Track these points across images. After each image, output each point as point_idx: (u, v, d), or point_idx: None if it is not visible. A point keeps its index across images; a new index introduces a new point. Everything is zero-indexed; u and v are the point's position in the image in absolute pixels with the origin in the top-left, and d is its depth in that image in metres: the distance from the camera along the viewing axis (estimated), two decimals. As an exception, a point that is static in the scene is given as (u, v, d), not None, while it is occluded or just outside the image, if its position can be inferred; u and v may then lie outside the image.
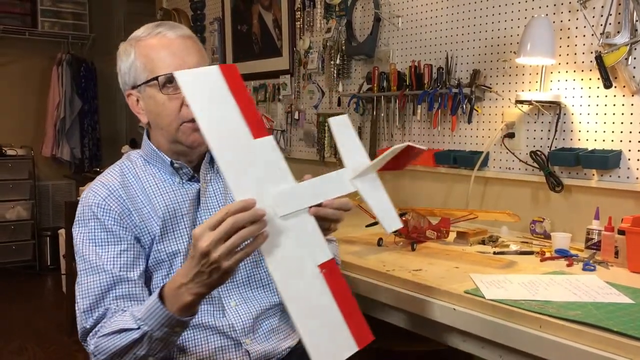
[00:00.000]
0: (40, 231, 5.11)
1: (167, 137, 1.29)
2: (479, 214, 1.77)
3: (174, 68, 1.22)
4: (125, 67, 1.30)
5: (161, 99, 1.25)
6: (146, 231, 1.26)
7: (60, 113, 5.24)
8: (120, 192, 1.27)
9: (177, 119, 1.26)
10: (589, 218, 1.77)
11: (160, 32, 1.27)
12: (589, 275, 1.49)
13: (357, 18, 2.80)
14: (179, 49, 1.26)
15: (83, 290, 1.20)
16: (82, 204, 1.27)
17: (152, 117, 1.30)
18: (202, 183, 1.33)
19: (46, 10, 5.22)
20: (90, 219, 1.24)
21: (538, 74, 2.01)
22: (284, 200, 0.97)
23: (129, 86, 1.31)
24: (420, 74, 2.42)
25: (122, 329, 1.10)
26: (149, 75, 1.26)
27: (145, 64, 1.26)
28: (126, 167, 1.33)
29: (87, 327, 1.18)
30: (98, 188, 1.28)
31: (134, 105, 1.32)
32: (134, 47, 1.29)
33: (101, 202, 1.25)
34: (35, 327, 3.74)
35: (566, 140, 1.98)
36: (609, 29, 1.83)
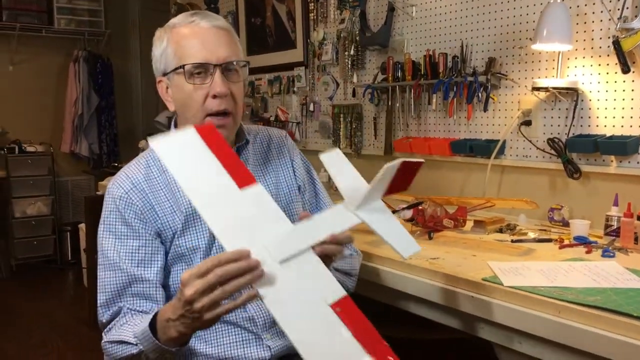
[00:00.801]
0: (60, 226, 5.17)
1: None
2: (496, 202, 1.77)
3: (202, 58, 1.23)
4: (157, 54, 1.30)
5: (187, 88, 1.25)
6: (167, 225, 1.26)
7: (77, 109, 5.29)
8: (143, 185, 1.27)
9: (201, 110, 1.25)
10: (607, 205, 1.76)
11: (194, 21, 1.26)
12: (608, 261, 1.48)
13: (370, 8, 2.79)
14: (210, 40, 1.25)
15: (101, 285, 1.24)
16: (106, 195, 1.29)
17: (179, 106, 1.30)
18: None
19: (62, 7, 5.26)
20: (112, 211, 1.26)
21: (555, 60, 1.99)
22: (283, 243, 0.92)
23: (160, 73, 1.31)
24: (435, 63, 2.41)
25: (123, 341, 1.13)
26: (177, 63, 1.25)
27: (175, 52, 1.26)
28: (152, 159, 1.32)
29: (103, 322, 1.22)
30: (122, 180, 1.28)
31: (163, 92, 1.32)
32: (167, 34, 1.28)
33: (123, 194, 1.26)
34: (58, 321, 3.79)
35: (584, 126, 1.96)
36: (626, 13, 1.81)
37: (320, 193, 1.51)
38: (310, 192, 1.49)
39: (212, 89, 1.24)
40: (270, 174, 1.41)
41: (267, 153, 1.44)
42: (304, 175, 1.48)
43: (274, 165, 1.43)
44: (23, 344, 3.43)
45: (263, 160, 1.42)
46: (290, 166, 1.46)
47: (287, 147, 1.48)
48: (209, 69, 1.24)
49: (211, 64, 1.24)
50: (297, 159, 1.49)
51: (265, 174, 1.40)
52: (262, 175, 1.40)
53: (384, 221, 1.05)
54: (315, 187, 1.52)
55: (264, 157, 1.43)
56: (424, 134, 2.55)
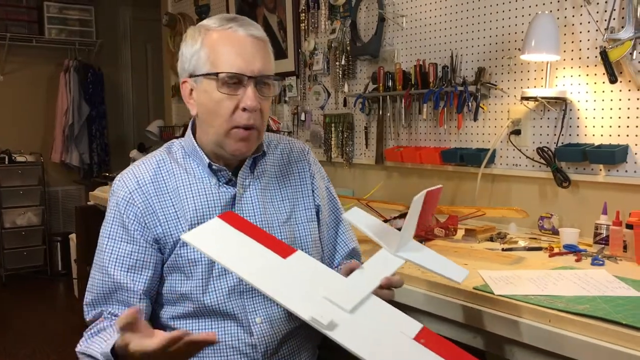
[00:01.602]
0: (51, 236, 5.15)
1: (213, 137, 1.24)
2: (487, 211, 1.78)
3: (237, 68, 1.19)
4: (188, 53, 1.25)
5: (217, 96, 1.20)
6: (168, 233, 1.23)
7: (68, 119, 5.29)
8: (149, 187, 1.24)
9: (229, 121, 1.21)
10: (596, 213, 1.78)
11: (232, 27, 1.21)
12: (597, 269, 1.49)
13: (361, 18, 2.82)
14: (247, 50, 1.21)
15: (90, 284, 1.24)
16: (111, 193, 1.28)
17: (204, 111, 1.25)
18: (238, 188, 1.28)
19: (53, 17, 5.27)
20: (113, 211, 1.25)
21: (543, 71, 2.02)
22: (346, 294, 0.96)
23: (187, 73, 1.26)
24: (425, 73, 2.43)
25: (92, 356, 1.13)
26: (210, 69, 1.21)
27: (209, 56, 1.21)
28: (163, 161, 1.29)
29: (86, 320, 1.23)
30: (128, 179, 1.26)
31: (186, 94, 1.27)
32: (202, 36, 1.23)
33: (126, 195, 1.24)
34: (49, 332, 3.77)
35: (572, 136, 1.99)
36: (613, 23, 1.84)
37: (340, 215, 1.46)
38: (329, 213, 1.44)
39: (243, 102, 1.20)
40: (287, 190, 1.37)
41: (286, 166, 1.39)
42: (323, 194, 1.43)
43: (293, 181, 1.39)
44: (14, 356, 3.40)
45: (282, 173, 1.38)
46: (309, 184, 1.41)
47: (309, 162, 1.43)
48: (243, 80, 1.20)
49: (245, 76, 1.20)
50: (318, 176, 1.44)
51: (282, 188, 1.36)
52: (279, 190, 1.35)
53: (427, 256, 1.14)
54: (336, 206, 1.47)
55: (283, 171, 1.38)
56: (414, 143, 2.56)
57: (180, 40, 4.46)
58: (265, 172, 1.34)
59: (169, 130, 4.40)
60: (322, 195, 1.42)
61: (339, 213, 1.46)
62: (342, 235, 1.46)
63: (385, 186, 2.64)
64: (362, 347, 0.87)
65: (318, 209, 1.41)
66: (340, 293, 0.96)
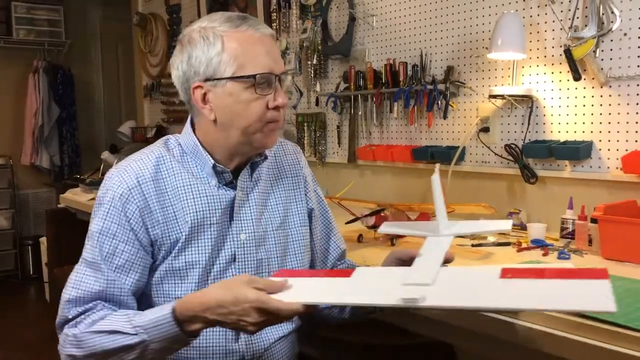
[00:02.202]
0: (21, 240, 5.07)
1: (237, 138, 1.21)
2: (456, 207, 1.80)
3: (268, 68, 1.17)
4: (202, 57, 1.18)
5: (246, 98, 1.17)
6: (167, 233, 1.20)
7: (38, 121, 5.20)
8: (149, 185, 1.20)
9: (260, 120, 1.19)
10: (563, 208, 1.82)
11: (252, 26, 1.18)
12: (563, 263, 1.53)
13: (332, 18, 2.83)
14: (271, 49, 1.20)
15: (76, 280, 1.17)
16: (106, 186, 1.21)
17: (226, 114, 1.19)
18: (238, 191, 1.26)
19: (21, 17, 5.18)
20: (107, 204, 1.19)
21: (510, 69, 2.05)
22: (420, 275, 1.02)
23: (201, 78, 1.18)
24: (395, 72, 2.45)
25: (116, 331, 1.07)
26: (236, 71, 1.16)
27: (235, 58, 1.16)
28: (162, 158, 1.24)
29: (68, 317, 1.15)
30: (127, 174, 1.20)
31: (198, 98, 1.20)
32: (220, 37, 1.17)
33: (125, 192, 1.18)
34: (20, 337, 3.71)
35: (539, 132, 2.02)
36: (577, 22, 1.88)
37: (330, 218, 1.46)
38: (321, 217, 1.44)
39: (276, 101, 1.19)
40: (281, 193, 1.35)
41: (280, 170, 1.38)
42: (314, 198, 1.43)
43: (287, 185, 1.37)
44: (-17, 363, 3.34)
45: (275, 177, 1.36)
46: (302, 188, 1.40)
47: (301, 165, 1.42)
48: (272, 80, 1.19)
49: (274, 74, 1.19)
50: (309, 179, 1.43)
51: (276, 192, 1.34)
52: (273, 194, 1.34)
53: (465, 225, 1.31)
54: (325, 208, 1.47)
55: (277, 174, 1.37)
56: (386, 142, 2.59)
57: (151, 40, 4.41)
58: (262, 176, 1.32)
59: (140, 131, 4.36)
60: (314, 199, 1.42)
61: (328, 215, 1.46)
62: (334, 237, 1.46)
63: (357, 184, 2.66)
64: (461, 299, 0.94)
65: (310, 213, 1.40)
66: (414, 276, 1.02)
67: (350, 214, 1.84)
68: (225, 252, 1.24)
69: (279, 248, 1.31)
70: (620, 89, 1.81)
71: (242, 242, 1.25)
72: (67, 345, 1.14)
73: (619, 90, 1.81)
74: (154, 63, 4.41)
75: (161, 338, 1.05)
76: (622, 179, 1.80)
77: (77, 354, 1.12)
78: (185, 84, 1.22)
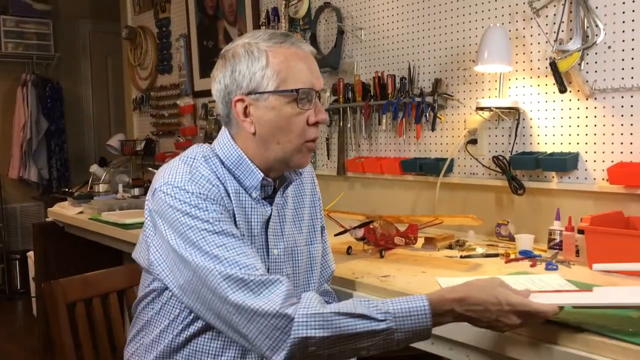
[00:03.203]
0: (9, 254, 5.02)
1: (278, 154, 1.24)
2: (444, 219, 1.81)
3: (310, 83, 1.21)
4: (246, 71, 1.21)
5: (288, 112, 1.20)
6: None
7: (26, 134, 5.18)
8: (219, 186, 1.21)
9: (301, 136, 1.22)
10: (550, 219, 1.83)
11: (294, 44, 1.23)
12: (551, 274, 1.53)
13: (321, 31, 2.84)
14: (313, 66, 1.24)
15: (243, 264, 1.10)
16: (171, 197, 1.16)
17: (268, 128, 1.22)
18: (274, 207, 1.30)
19: (9, 31, 5.17)
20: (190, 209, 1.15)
21: (496, 81, 2.07)
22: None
23: (244, 91, 1.21)
24: (384, 84, 2.47)
25: (364, 315, 1.05)
26: (279, 85, 1.20)
27: (279, 72, 1.20)
28: (211, 164, 1.24)
29: (249, 279, 1.09)
30: (198, 177, 1.19)
31: (240, 112, 1.22)
32: (264, 53, 1.20)
33: (204, 193, 1.16)
34: (7, 353, 3.66)
35: (526, 144, 2.04)
36: (562, 35, 1.90)
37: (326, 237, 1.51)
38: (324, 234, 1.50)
39: (317, 116, 1.23)
40: (304, 210, 1.40)
41: (301, 188, 1.42)
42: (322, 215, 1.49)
43: (308, 202, 1.42)
44: (-31, 378, 3.30)
45: (299, 194, 1.41)
46: (318, 206, 1.46)
47: (315, 183, 1.48)
48: (312, 95, 1.22)
49: (315, 90, 1.23)
50: (320, 196, 1.49)
51: (300, 209, 1.39)
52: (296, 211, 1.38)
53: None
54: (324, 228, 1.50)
55: (299, 192, 1.41)
56: (375, 154, 2.60)
57: (140, 54, 4.42)
58: (289, 194, 1.37)
59: (130, 144, 4.34)
60: (322, 216, 1.48)
61: (325, 234, 1.51)
62: (328, 256, 1.50)
63: (347, 196, 2.66)
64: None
65: (322, 230, 1.47)
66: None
67: (339, 226, 1.84)
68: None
69: (304, 264, 1.35)
70: (606, 101, 1.83)
71: (274, 257, 1.29)
72: (303, 327, 1.05)
73: (604, 102, 1.83)
74: (143, 76, 4.41)
75: (409, 329, 1.05)
76: (608, 190, 1.81)
77: (320, 335, 1.04)
78: (227, 97, 1.24)
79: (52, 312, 1.49)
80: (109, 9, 5.11)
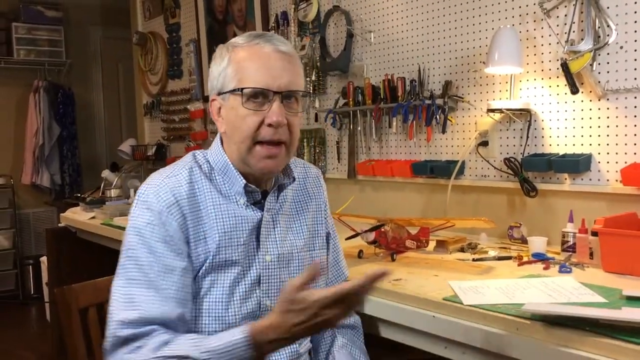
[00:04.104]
0: (22, 260, 5.06)
1: (238, 154, 1.24)
2: (456, 222, 1.80)
3: (263, 84, 1.19)
4: (216, 71, 1.25)
5: (242, 112, 1.20)
6: (196, 253, 1.19)
7: (38, 140, 5.22)
8: (185, 202, 1.19)
9: (252, 136, 1.20)
10: (563, 221, 1.82)
11: (259, 44, 1.21)
12: (564, 277, 1.52)
13: (330, 34, 2.84)
14: (273, 65, 1.20)
15: (135, 302, 1.13)
16: (143, 203, 1.19)
17: (230, 128, 1.24)
18: (265, 213, 1.27)
19: (21, 38, 5.21)
20: (147, 223, 1.17)
21: (507, 83, 2.06)
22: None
23: (215, 91, 1.26)
24: (394, 87, 2.46)
25: (186, 356, 1.06)
26: (236, 85, 1.21)
27: (235, 72, 1.21)
28: (195, 174, 1.24)
29: (121, 336, 1.11)
30: (164, 192, 1.19)
31: (214, 112, 1.27)
32: (229, 53, 1.23)
33: (164, 209, 1.17)
34: (21, 358, 3.69)
35: (538, 146, 2.02)
36: (573, 36, 1.89)
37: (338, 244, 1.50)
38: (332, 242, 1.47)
39: (269, 118, 1.19)
40: (306, 216, 1.37)
41: (304, 192, 1.40)
42: (330, 222, 1.47)
43: (310, 208, 1.39)
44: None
45: (300, 200, 1.38)
46: (323, 211, 1.43)
47: (323, 188, 1.45)
48: (269, 95, 1.20)
49: (271, 91, 1.19)
50: (327, 202, 1.46)
51: (301, 215, 1.36)
52: (298, 216, 1.36)
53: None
54: (335, 235, 1.49)
55: (301, 197, 1.39)
56: (385, 157, 2.59)
57: (151, 59, 4.45)
58: (287, 198, 1.34)
59: (141, 150, 4.37)
60: (330, 223, 1.45)
61: (337, 241, 1.49)
62: (341, 263, 1.50)
63: (357, 200, 2.65)
64: None
65: (328, 236, 1.44)
66: None
67: (350, 230, 1.83)
68: (251, 274, 1.24)
69: (302, 270, 1.30)
70: (618, 102, 1.81)
71: (267, 264, 1.26)
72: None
73: (617, 102, 1.82)
74: (154, 81, 4.44)
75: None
76: (621, 191, 1.79)
77: None
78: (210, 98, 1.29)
79: (65, 317, 1.49)
80: (119, 15, 5.15)
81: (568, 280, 1.47)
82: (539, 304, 1.25)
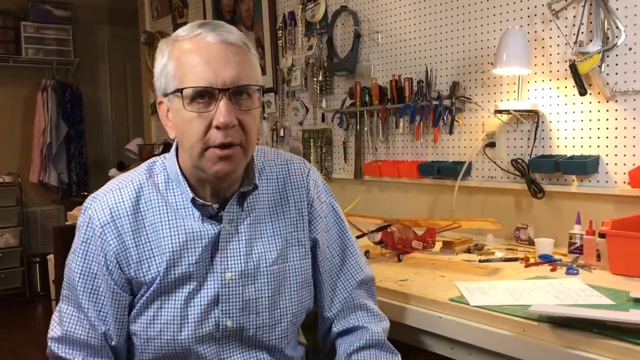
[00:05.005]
0: (29, 258, 5.08)
1: (190, 161, 1.10)
2: (463, 223, 1.80)
3: (205, 82, 1.03)
4: (157, 71, 1.10)
5: (187, 115, 1.05)
6: (142, 273, 1.11)
7: (46, 139, 5.24)
8: (124, 220, 1.11)
9: (201, 141, 1.05)
10: (570, 223, 1.81)
11: (200, 34, 1.05)
12: (571, 278, 1.51)
13: (337, 35, 2.84)
14: (216, 58, 1.04)
15: (61, 318, 1.15)
16: (83, 217, 1.14)
17: (179, 134, 1.10)
18: (224, 225, 1.14)
19: (30, 37, 5.23)
20: (83, 242, 1.13)
21: (515, 84, 2.05)
22: None
23: (161, 93, 1.10)
24: (401, 88, 2.46)
25: None
26: (177, 85, 1.06)
27: (175, 70, 1.06)
28: (142, 188, 1.14)
29: (58, 355, 1.15)
30: (100, 208, 1.12)
31: (163, 115, 1.13)
32: (168, 48, 1.08)
33: (98, 228, 1.11)
34: (28, 355, 3.70)
35: (545, 147, 2.02)
36: (582, 37, 1.88)
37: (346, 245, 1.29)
38: (333, 245, 1.28)
39: (216, 119, 1.04)
40: (280, 223, 1.20)
41: (281, 195, 1.22)
42: (325, 225, 1.26)
43: (288, 213, 1.21)
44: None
45: (275, 204, 1.21)
46: (306, 215, 1.23)
47: (307, 187, 1.25)
48: (214, 94, 1.04)
49: (216, 89, 1.04)
50: (317, 202, 1.25)
51: (274, 222, 1.20)
52: (271, 224, 1.19)
53: None
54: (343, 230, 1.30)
55: (277, 201, 1.22)
56: (392, 157, 2.59)
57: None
58: (257, 205, 1.18)
59: (148, 149, 4.38)
60: (321, 226, 1.25)
61: (346, 238, 1.31)
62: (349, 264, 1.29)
63: (364, 200, 2.65)
64: None
65: (315, 244, 1.24)
66: None
67: (357, 230, 1.83)
68: (207, 293, 1.12)
69: (272, 286, 1.17)
70: (627, 104, 1.80)
71: (226, 282, 1.13)
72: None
73: (625, 104, 1.81)
74: (161, 81, 4.44)
75: None
76: (629, 193, 1.79)
77: None
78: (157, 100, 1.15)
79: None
80: (127, 15, 5.16)
81: (575, 282, 1.46)
82: (545, 306, 1.24)
